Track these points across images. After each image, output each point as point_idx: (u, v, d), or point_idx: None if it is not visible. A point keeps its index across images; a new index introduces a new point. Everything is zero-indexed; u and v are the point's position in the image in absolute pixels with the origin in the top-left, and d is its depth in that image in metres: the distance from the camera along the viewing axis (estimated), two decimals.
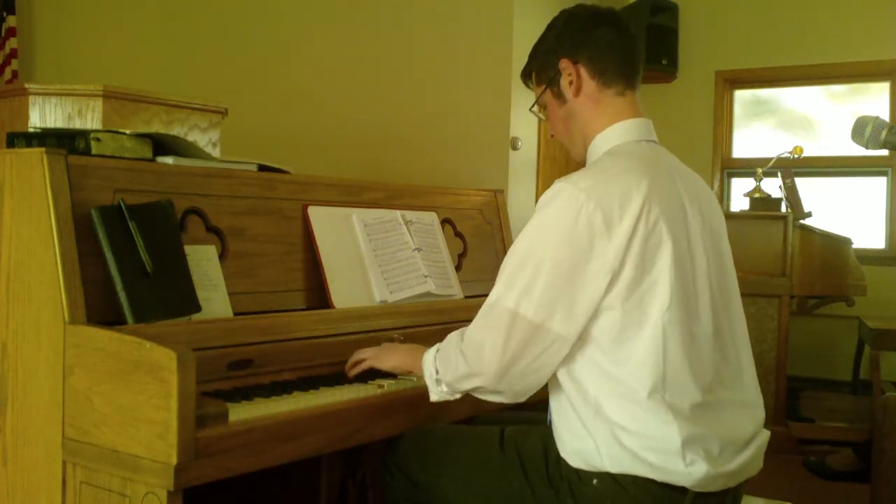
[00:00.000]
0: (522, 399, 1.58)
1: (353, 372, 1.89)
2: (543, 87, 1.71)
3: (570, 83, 1.66)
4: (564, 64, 1.66)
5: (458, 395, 1.65)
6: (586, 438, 1.52)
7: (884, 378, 4.46)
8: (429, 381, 1.67)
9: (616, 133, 1.64)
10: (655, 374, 1.47)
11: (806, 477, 3.80)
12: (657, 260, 1.48)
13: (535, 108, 1.78)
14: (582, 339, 1.50)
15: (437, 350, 1.67)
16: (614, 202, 1.47)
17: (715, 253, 1.62)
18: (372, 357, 1.87)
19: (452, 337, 1.64)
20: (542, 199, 1.55)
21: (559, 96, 1.69)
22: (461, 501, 1.69)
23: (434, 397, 1.68)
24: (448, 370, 1.62)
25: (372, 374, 1.90)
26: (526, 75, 1.78)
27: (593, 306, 1.47)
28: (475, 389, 1.59)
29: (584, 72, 1.65)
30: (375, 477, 2.06)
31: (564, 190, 1.50)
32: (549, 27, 1.73)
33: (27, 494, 1.65)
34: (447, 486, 1.71)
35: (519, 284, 1.50)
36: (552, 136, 1.77)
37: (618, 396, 1.49)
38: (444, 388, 1.65)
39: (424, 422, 1.88)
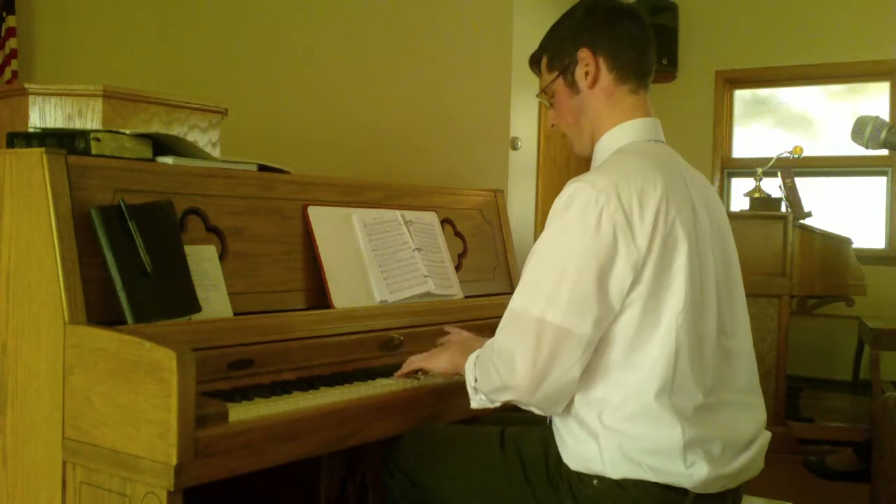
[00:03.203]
0: (557, 410, 1.54)
1: (403, 374, 1.90)
2: (556, 74, 1.68)
3: (587, 74, 1.63)
4: (584, 54, 1.63)
5: (497, 404, 1.61)
6: (588, 442, 1.51)
7: (884, 378, 4.46)
8: (469, 388, 1.65)
9: (626, 132, 1.62)
10: (665, 376, 1.46)
11: (806, 477, 3.80)
12: (674, 260, 1.47)
13: (542, 95, 1.74)
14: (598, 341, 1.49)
15: (477, 357, 1.63)
16: (633, 201, 1.45)
17: (722, 254, 1.61)
18: (424, 359, 1.86)
19: (489, 344, 1.61)
20: (560, 202, 1.51)
21: (572, 85, 1.66)
22: (461, 501, 1.69)
23: (474, 405, 1.64)
24: (484, 381, 1.59)
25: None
26: (535, 61, 1.75)
27: (619, 306, 1.46)
28: (511, 402, 1.56)
29: (602, 64, 1.63)
30: (375, 477, 2.06)
31: (582, 190, 1.47)
32: (567, 15, 1.70)
33: (27, 494, 1.65)
34: (447, 485, 1.70)
35: (544, 291, 1.46)
36: (553, 125, 1.74)
37: (624, 398, 1.48)
38: (483, 397, 1.61)
39: (424, 422, 1.88)
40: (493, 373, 1.54)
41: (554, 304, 1.45)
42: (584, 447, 1.52)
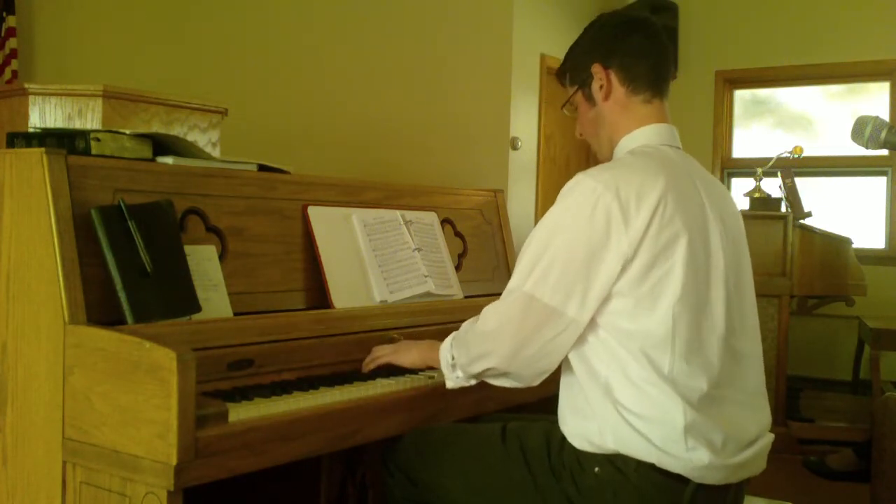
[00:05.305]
0: (535, 383, 1.61)
1: (370, 367, 1.93)
2: (576, 88, 1.75)
3: (601, 87, 1.70)
4: (596, 69, 1.70)
5: (472, 381, 1.68)
6: (591, 418, 1.55)
7: (884, 378, 4.46)
8: (445, 369, 1.71)
9: (639, 136, 1.68)
10: (662, 360, 1.50)
11: (806, 477, 3.80)
12: (672, 252, 1.51)
13: (568, 107, 1.81)
14: (594, 321, 1.54)
15: (454, 337, 1.71)
16: (631, 194, 1.51)
17: (734, 259, 1.64)
18: (390, 354, 1.92)
19: (468, 322, 1.69)
20: (563, 190, 1.59)
21: (589, 98, 1.73)
22: (461, 500, 1.69)
23: (450, 384, 1.71)
24: (463, 352, 1.66)
25: (388, 372, 1.92)
26: (561, 75, 1.82)
27: (605, 292, 1.52)
28: (488, 371, 1.63)
29: (614, 78, 1.69)
30: (375, 477, 2.05)
31: (583, 182, 1.55)
32: (586, 30, 1.77)
33: (27, 494, 1.65)
34: (447, 484, 1.71)
35: (536, 270, 1.55)
36: (580, 135, 1.81)
37: (626, 378, 1.52)
38: (460, 374, 1.68)
39: (424, 422, 1.88)
40: (475, 341, 1.63)
41: (543, 282, 1.54)
42: (587, 423, 1.56)
